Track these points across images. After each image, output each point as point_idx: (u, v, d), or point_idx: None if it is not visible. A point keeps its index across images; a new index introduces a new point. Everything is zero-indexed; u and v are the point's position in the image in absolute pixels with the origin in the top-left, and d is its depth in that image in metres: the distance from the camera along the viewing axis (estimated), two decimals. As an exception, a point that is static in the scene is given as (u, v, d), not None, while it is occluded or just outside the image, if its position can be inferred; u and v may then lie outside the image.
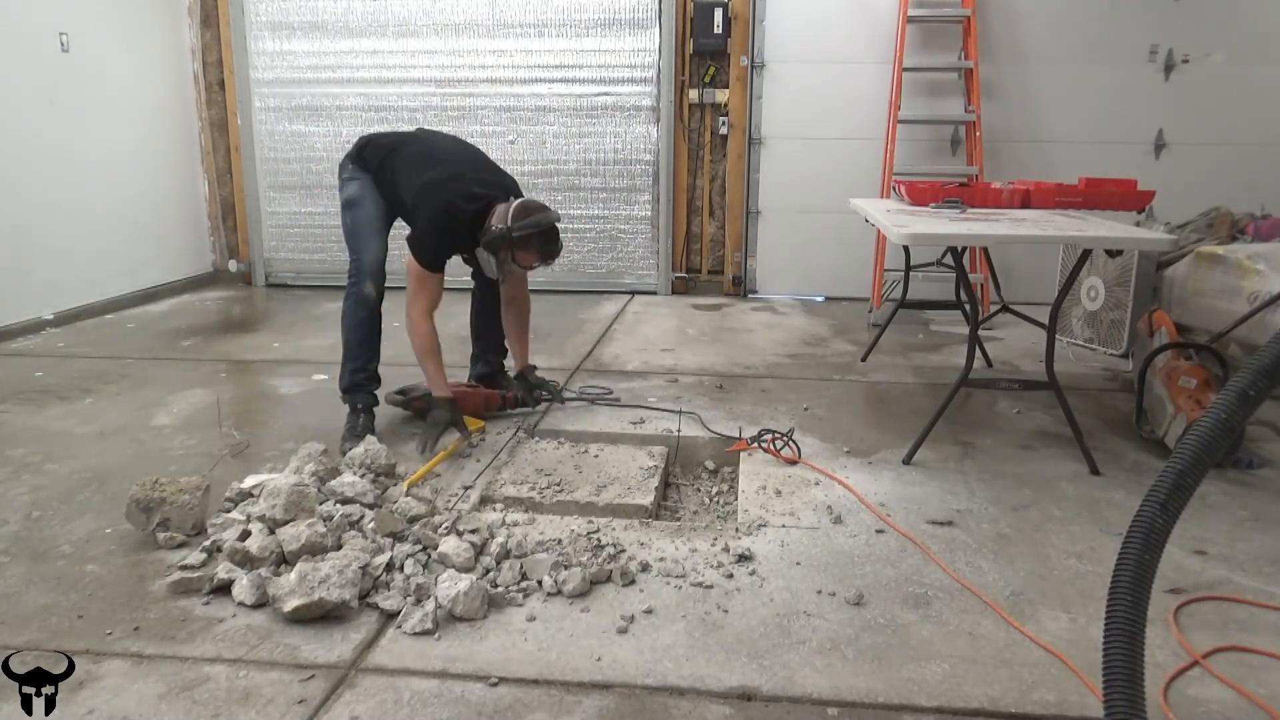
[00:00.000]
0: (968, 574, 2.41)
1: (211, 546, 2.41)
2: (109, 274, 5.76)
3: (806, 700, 1.89)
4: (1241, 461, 3.16)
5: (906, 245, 4.08)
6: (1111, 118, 5.93)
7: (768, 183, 6.30)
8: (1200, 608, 2.26)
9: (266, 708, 1.84)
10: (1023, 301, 4.55)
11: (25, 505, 2.80)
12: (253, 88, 6.57)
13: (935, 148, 6.06)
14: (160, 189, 6.29)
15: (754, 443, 3.28)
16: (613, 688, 1.92)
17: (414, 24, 6.37)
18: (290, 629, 2.12)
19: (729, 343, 5.03)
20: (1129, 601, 1.35)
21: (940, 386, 4.01)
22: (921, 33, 5.92)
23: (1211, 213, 4.57)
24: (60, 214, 5.34)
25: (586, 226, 6.48)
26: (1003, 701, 1.88)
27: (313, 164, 6.64)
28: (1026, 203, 3.93)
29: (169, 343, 4.94)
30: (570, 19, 6.26)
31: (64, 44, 5.33)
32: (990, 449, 3.35)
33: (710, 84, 6.16)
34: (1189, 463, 1.35)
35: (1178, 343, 3.42)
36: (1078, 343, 4.72)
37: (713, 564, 2.43)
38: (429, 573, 2.31)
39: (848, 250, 6.12)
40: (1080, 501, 2.89)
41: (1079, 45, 5.87)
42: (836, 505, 2.82)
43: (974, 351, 3.37)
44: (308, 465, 2.78)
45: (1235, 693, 1.91)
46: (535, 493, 2.90)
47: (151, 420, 3.63)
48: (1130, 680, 1.34)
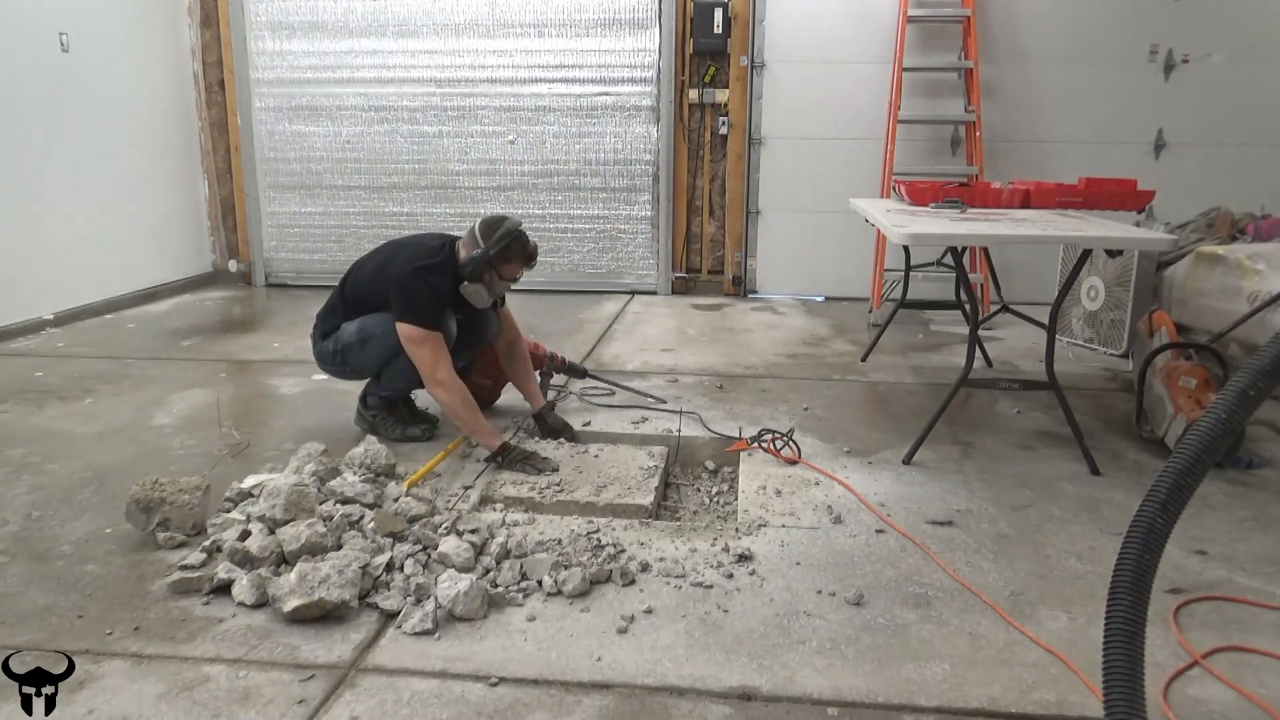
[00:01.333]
0: (968, 574, 2.41)
1: (211, 546, 2.41)
2: (109, 274, 5.76)
3: (806, 700, 1.89)
4: (1241, 461, 3.16)
5: (906, 245, 4.09)
6: (1111, 118, 5.93)
7: (768, 183, 6.30)
8: (1200, 608, 2.26)
9: (266, 708, 1.84)
10: (1023, 301, 4.56)
11: (25, 505, 2.80)
12: (253, 88, 6.57)
13: (935, 148, 6.06)
14: (160, 189, 6.30)
15: (754, 443, 3.28)
16: (613, 688, 1.92)
17: (414, 24, 6.37)
18: (290, 629, 2.12)
19: (729, 343, 5.03)
20: (1129, 601, 1.35)
21: (940, 386, 4.01)
22: (921, 33, 5.92)
23: (1211, 213, 4.57)
24: (60, 214, 5.34)
25: (586, 226, 6.48)
26: (1003, 701, 1.88)
27: (313, 164, 6.64)
28: (1026, 203, 3.93)
29: (169, 342, 4.94)
30: (570, 19, 6.26)
31: (64, 44, 5.33)
32: (990, 449, 3.35)
33: (710, 84, 6.17)
34: (1189, 463, 1.35)
35: (1178, 343, 3.42)
36: (1078, 343, 4.72)
37: (713, 564, 2.43)
38: (429, 573, 2.31)
39: (848, 250, 6.13)
40: (1080, 501, 2.89)
41: (1079, 45, 5.88)
42: (836, 505, 2.82)
43: (974, 351, 3.37)
44: (308, 465, 2.78)
45: (1235, 693, 1.91)
46: (535, 493, 2.90)
47: (151, 420, 3.63)
48: (1130, 680, 1.33)
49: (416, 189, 6.60)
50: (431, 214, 6.59)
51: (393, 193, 6.62)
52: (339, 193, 6.67)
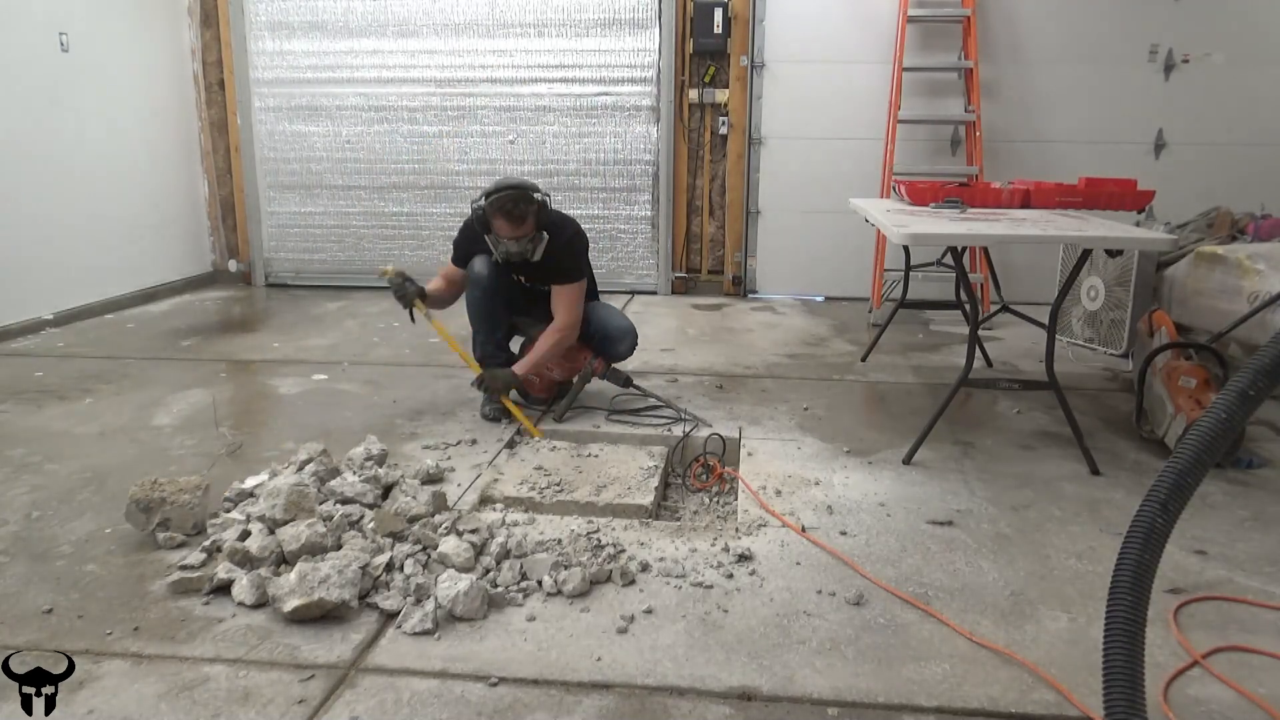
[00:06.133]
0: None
1: (211, 546, 2.41)
2: (109, 274, 5.76)
3: (806, 700, 1.88)
4: (1241, 461, 3.17)
5: (906, 245, 4.09)
6: (1111, 118, 5.93)
7: (768, 183, 6.30)
8: (1200, 608, 2.26)
9: (266, 708, 1.84)
10: (1023, 301, 4.56)
11: (25, 505, 2.80)
12: (253, 88, 6.57)
13: (935, 148, 6.06)
14: (160, 189, 6.29)
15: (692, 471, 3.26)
16: (613, 688, 1.92)
17: (414, 24, 6.37)
18: (290, 629, 2.12)
19: (729, 343, 5.03)
20: (1129, 601, 1.35)
21: (940, 386, 4.01)
22: (921, 33, 5.92)
23: (1211, 213, 4.57)
24: (60, 214, 5.34)
25: (586, 226, 6.42)
26: (1003, 701, 1.88)
27: (313, 164, 6.64)
28: (1026, 203, 3.93)
29: (169, 343, 4.94)
30: (570, 19, 6.26)
31: (64, 44, 5.33)
32: (990, 449, 3.35)
33: (710, 84, 6.16)
34: (1189, 463, 1.35)
35: (1178, 343, 3.42)
36: (1078, 343, 4.72)
37: (713, 564, 2.43)
38: (429, 573, 2.31)
39: (848, 250, 6.13)
40: (1080, 501, 2.89)
41: (1079, 45, 5.88)
42: (837, 505, 2.82)
43: (974, 351, 3.37)
44: (308, 465, 2.79)
45: (1235, 693, 1.91)
46: (535, 493, 2.90)
47: (151, 420, 3.63)
48: (1130, 680, 1.33)
49: (416, 189, 6.60)
50: (431, 214, 6.59)
51: (393, 193, 6.62)
52: (339, 193, 6.67)
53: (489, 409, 3.62)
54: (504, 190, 3.36)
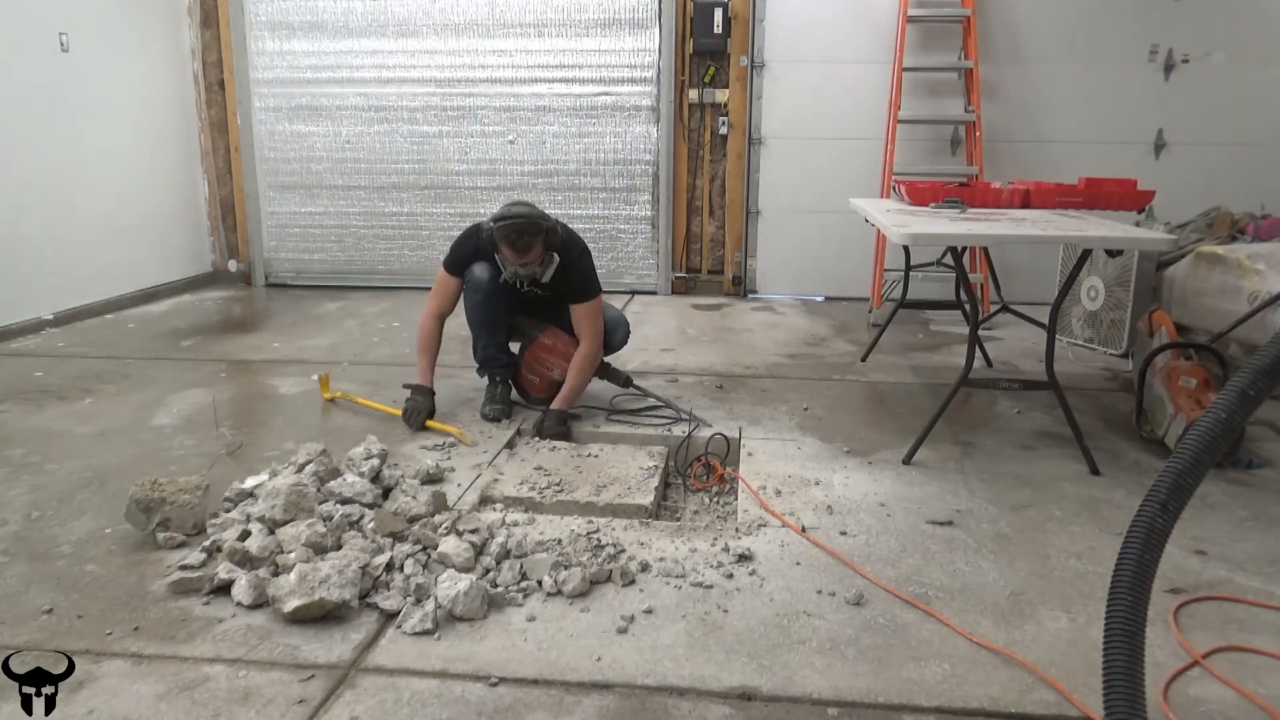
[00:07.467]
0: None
1: (211, 546, 2.41)
2: (109, 274, 5.76)
3: (806, 700, 1.88)
4: (1241, 461, 3.16)
5: (906, 245, 4.08)
6: (1111, 118, 5.93)
7: (768, 183, 6.30)
8: (1200, 608, 2.26)
9: (266, 708, 1.84)
10: (1023, 301, 4.56)
11: (25, 505, 2.79)
12: (253, 88, 6.57)
13: (935, 148, 6.06)
14: (160, 189, 6.29)
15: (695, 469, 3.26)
16: (613, 688, 1.92)
17: (414, 24, 6.37)
18: (290, 629, 2.12)
19: (729, 342, 5.03)
20: (1129, 601, 1.35)
21: (940, 386, 4.01)
22: (921, 33, 5.92)
23: (1211, 213, 4.57)
24: (60, 214, 5.34)
25: (586, 226, 6.47)
26: (1003, 701, 1.88)
27: (313, 164, 6.64)
28: (1026, 203, 3.93)
29: (169, 343, 4.94)
30: (570, 19, 6.26)
31: (64, 44, 5.33)
32: (990, 449, 3.35)
33: (710, 84, 6.16)
34: (1189, 463, 1.35)
35: (1178, 343, 3.42)
36: (1078, 343, 4.72)
37: (713, 564, 2.43)
38: (429, 573, 2.31)
39: (848, 250, 6.13)
40: (1080, 501, 2.89)
41: (1079, 45, 5.88)
42: (837, 505, 2.82)
43: (974, 351, 3.37)
44: (308, 465, 2.78)
45: (1235, 693, 1.91)
46: (535, 493, 2.90)
47: (151, 420, 3.63)
48: (1130, 680, 1.33)
49: (416, 189, 6.60)
50: (431, 214, 6.59)
51: (393, 193, 6.62)
52: (339, 193, 6.67)
53: (489, 409, 3.62)
54: (510, 219, 3.32)
